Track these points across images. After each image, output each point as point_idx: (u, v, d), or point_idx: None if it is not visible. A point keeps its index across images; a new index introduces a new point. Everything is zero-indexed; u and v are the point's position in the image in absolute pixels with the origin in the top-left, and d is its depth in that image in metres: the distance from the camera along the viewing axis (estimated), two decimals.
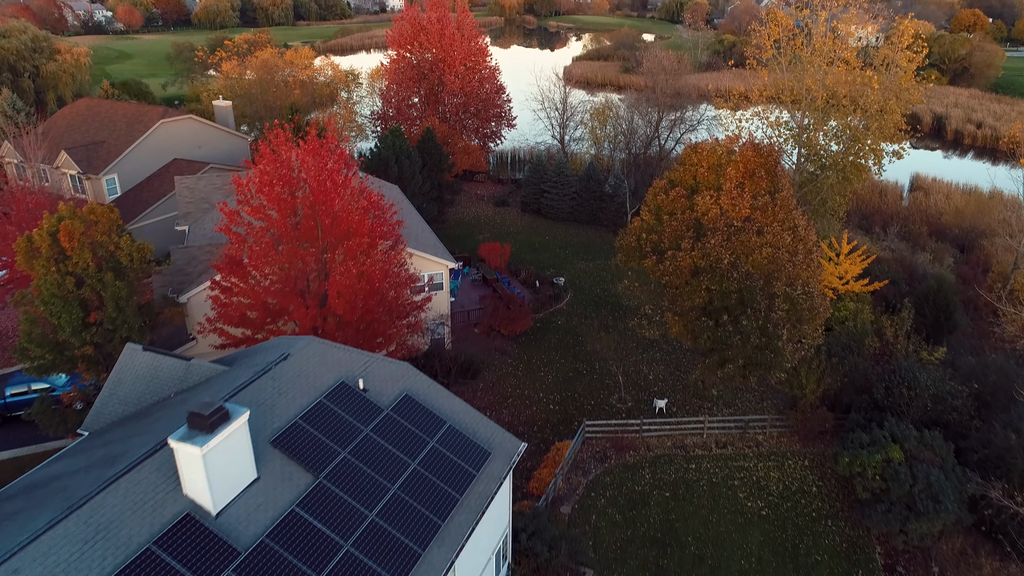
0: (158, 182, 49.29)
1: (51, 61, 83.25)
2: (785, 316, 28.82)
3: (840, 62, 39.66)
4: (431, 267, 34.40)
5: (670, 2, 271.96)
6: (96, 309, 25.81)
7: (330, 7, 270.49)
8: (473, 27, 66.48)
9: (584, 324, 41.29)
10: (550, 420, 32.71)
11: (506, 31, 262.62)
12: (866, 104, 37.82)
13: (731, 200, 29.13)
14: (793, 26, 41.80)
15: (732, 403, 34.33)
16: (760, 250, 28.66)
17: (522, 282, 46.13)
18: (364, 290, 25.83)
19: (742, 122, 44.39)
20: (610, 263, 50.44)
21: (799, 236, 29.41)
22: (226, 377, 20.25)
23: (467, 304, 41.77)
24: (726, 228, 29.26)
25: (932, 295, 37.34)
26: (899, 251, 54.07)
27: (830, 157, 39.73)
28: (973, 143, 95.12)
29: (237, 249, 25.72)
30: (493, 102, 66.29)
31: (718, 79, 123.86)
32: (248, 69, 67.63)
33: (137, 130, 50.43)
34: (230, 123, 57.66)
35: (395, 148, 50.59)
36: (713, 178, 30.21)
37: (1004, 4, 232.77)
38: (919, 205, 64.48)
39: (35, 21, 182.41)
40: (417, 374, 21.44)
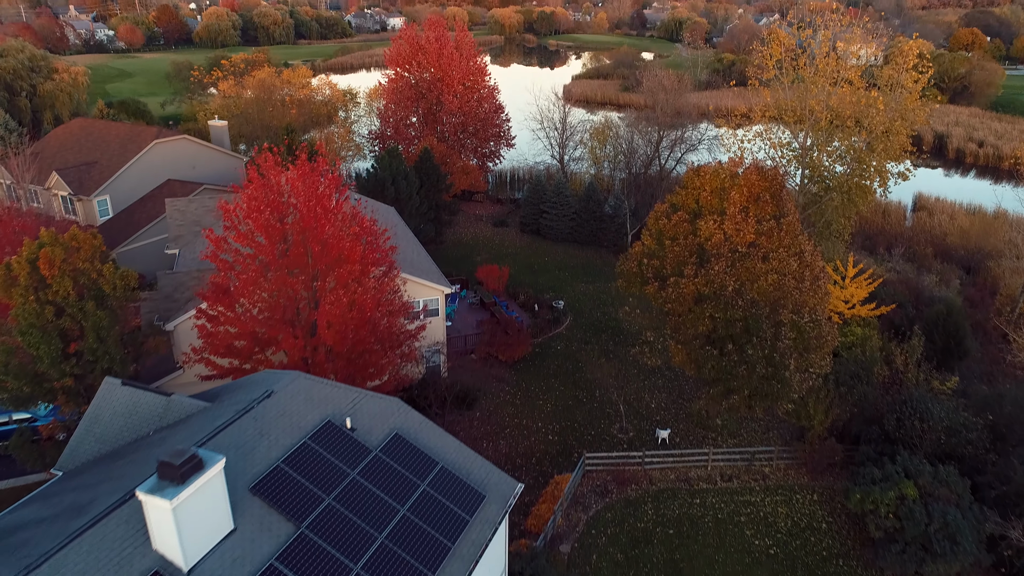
0: (151, 203, 48.47)
1: (48, 80, 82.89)
2: (792, 345, 27.83)
3: (844, 82, 38.96)
4: (426, 293, 33.45)
5: (669, 21, 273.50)
6: (76, 340, 24.83)
7: (331, 26, 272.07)
8: (472, 46, 66.09)
9: (584, 349, 40.26)
10: (549, 451, 31.59)
11: (506, 50, 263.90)
12: (871, 125, 37.06)
13: (735, 225, 28.25)
14: (795, 46, 41.16)
15: (737, 433, 33.22)
16: (765, 277, 27.73)
17: (521, 305, 45.17)
18: (355, 320, 24.87)
19: (744, 143, 43.60)
20: (610, 286, 49.49)
21: (805, 262, 28.50)
22: (206, 416, 19.22)
23: (464, 329, 40.77)
24: (730, 254, 28.35)
25: (942, 320, 36.36)
26: (904, 273, 53.19)
27: (835, 179, 38.91)
28: (975, 162, 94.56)
29: (224, 277, 24.79)
30: (492, 121, 65.72)
31: (718, 98, 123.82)
32: (245, 88, 67.13)
33: (130, 151, 49.70)
34: (226, 143, 56.97)
35: (392, 169, 49.85)
36: (716, 202, 29.35)
37: (1002, 23, 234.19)
38: (923, 225, 63.68)
39: (36, 40, 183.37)
40: (408, 411, 20.41)
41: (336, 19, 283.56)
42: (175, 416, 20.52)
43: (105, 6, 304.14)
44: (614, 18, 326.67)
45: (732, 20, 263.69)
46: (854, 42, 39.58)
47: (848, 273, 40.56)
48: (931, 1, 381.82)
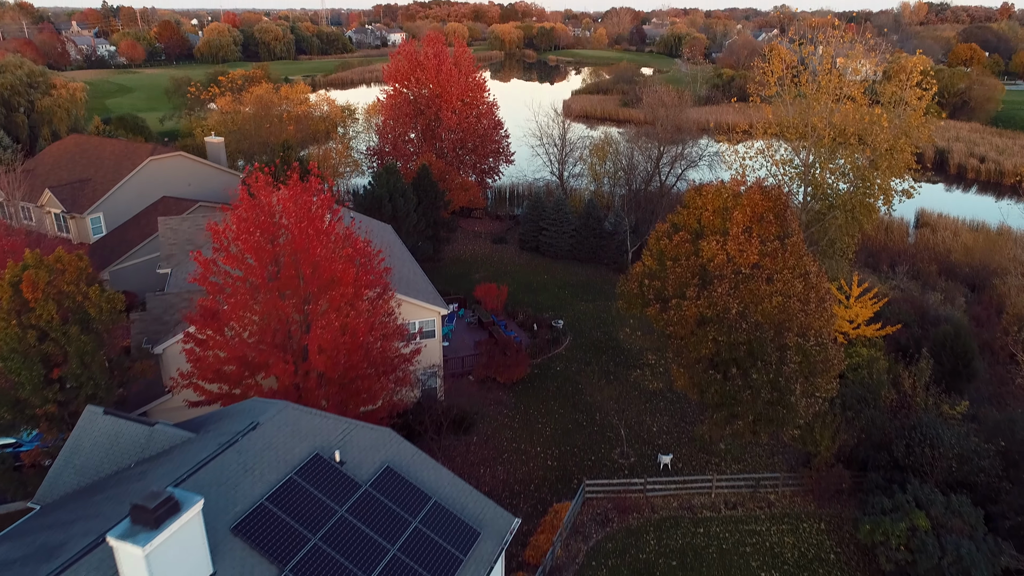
0: (145, 221, 47.84)
1: (46, 96, 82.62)
2: (798, 369, 27.04)
3: (847, 99, 38.47)
4: (422, 314, 32.71)
5: (668, 36, 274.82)
6: (59, 365, 24.07)
7: (332, 41, 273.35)
8: (470, 62, 65.79)
9: (584, 371, 39.44)
10: (548, 478, 30.70)
11: (506, 65, 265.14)
12: (875, 143, 36.49)
13: (738, 246, 27.57)
14: (797, 62, 40.72)
15: (741, 458, 32.34)
16: (770, 299, 27.00)
17: (519, 325, 44.41)
18: (347, 344, 24.11)
19: (746, 159, 43.07)
20: (611, 304, 48.75)
21: (811, 283, 27.77)
22: (189, 448, 18.43)
23: (461, 350, 39.98)
24: (733, 275, 27.64)
25: (949, 341, 35.58)
26: (909, 291, 52.44)
27: (838, 197, 38.30)
28: (976, 177, 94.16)
29: (212, 300, 24.06)
30: (491, 138, 65.30)
31: (718, 113, 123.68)
32: (243, 104, 66.76)
33: (125, 168, 49.19)
34: (222, 160, 56.50)
35: (389, 186, 49.31)
36: (719, 222, 28.68)
37: (1000, 39, 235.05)
38: (926, 242, 63.01)
39: (38, 56, 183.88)
40: (400, 442, 19.61)
41: (337, 35, 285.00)
42: (158, 447, 19.72)
43: (107, 22, 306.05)
44: (613, 33, 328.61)
45: (731, 35, 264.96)
46: (856, 58, 39.10)
47: (852, 292, 39.84)
48: (928, 17, 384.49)
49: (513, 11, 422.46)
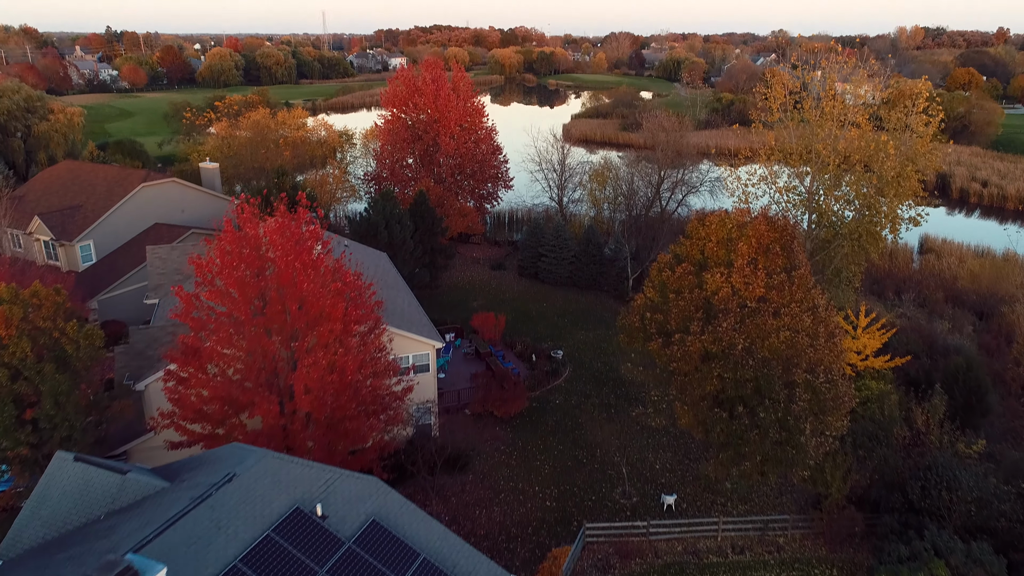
0: (136, 248, 46.91)
1: (44, 121, 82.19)
2: (807, 407, 25.85)
3: (851, 125, 37.70)
4: (416, 348, 31.59)
5: (667, 61, 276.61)
6: (32, 405, 22.93)
7: (333, 66, 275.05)
8: (469, 87, 65.35)
9: (584, 404, 38.22)
10: (547, 519, 29.36)
11: (506, 89, 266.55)
12: (881, 170, 35.64)
13: (743, 278, 26.55)
14: (800, 88, 40.03)
15: (748, 498, 31.01)
16: (777, 334, 25.92)
17: (517, 355, 43.25)
18: (335, 383, 22.99)
19: (748, 187, 42.21)
20: (611, 333, 47.58)
21: (819, 317, 26.70)
22: (161, 501, 17.25)
23: (458, 382, 38.79)
24: (739, 309, 26.58)
25: (962, 375, 34.41)
26: (915, 319, 51.38)
27: (844, 225, 37.37)
28: (979, 202, 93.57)
29: (194, 337, 22.99)
30: (489, 163, 64.66)
31: (718, 137, 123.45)
32: (240, 129, 66.22)
33: (117, 194, 48.39)
34: (216, 186, 55.74)
35: (385, 212, 48.46)
36: (723, 253, 27.70)
37: (997, 63, 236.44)
38: (931, 268, 62.06)
39: (40, 80, 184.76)
40: (388, 493, 18.41)
41: (338, 59, 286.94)
42: (130, 497, 18.52)
43: (111, 47, 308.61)
44: (613, 58, 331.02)
45: (730, 60, 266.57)
46: (860, 84, 38.39)
47: (860, 322, 38.76)
48: (925, 42, 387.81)
49: (513, 36, 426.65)
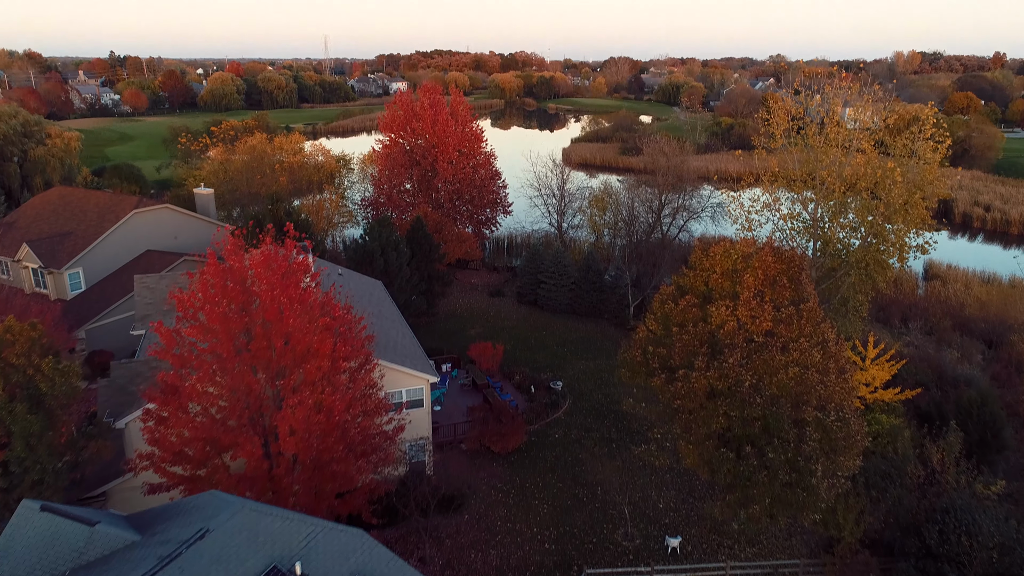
0: (127, 276, 45.91)
1: (40, 145, 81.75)
2: (818, 447, 24.66)
3: (856, 152, 36.90)
4: (410, 382, 30.43)
5: (666, 85, 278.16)
6: (2, 447, 21.75)
7: (334, 90, 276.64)
8: (467, 112, 64.87)
9: (585, 438, 36.95)
10: (545, 564, 27.98)
11: (506, 113, 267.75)
12: (888, 198, 34.75)
13: (750, 311, 25.50)
14: (803, 114, 39.29)
15: (756, 540, 29.64)
16: (786, 370, 24.79)
17: (516, 386, 42.05)
18: (322, 424, 21.84)
19: (751, 213, 41.30)
20: (612, 363, 46.42)
21: (829, 352, 25.60)
22: (129, 556, 16.05)
23: (454, 415, 37.56)
24: (745, 344, 25.49)
25: (976, 409, 33.21)
26: (923, 348, 50.25)
27: (851, 254, 36.39)
28: (982, 226, 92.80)
29: (174, 374, 21.88)
30: (488, 188, 63.97)
31: (718, 161, 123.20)
32: (237, 154, 65.60)
33: (108, 221, 47.53)
34: (211, 212, 54.93)
35: (381, 239, 47.57)
36: (728, 285, 26.70)
37: (995, 87, 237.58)
38: (937, 295, 61.05)
39: (41, 104, 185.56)
40: (373, 547, 17.19)
41: (339, 83, 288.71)
42: (98, 551, 17.28)
43: (114, 71, 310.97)
44: (612, 82, 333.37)
45: (728, 84, 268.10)
46: (865, 109, 37.65)
47: (868, 353, 37.64)
48: (922, 66, 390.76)
49: (513, 60, 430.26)
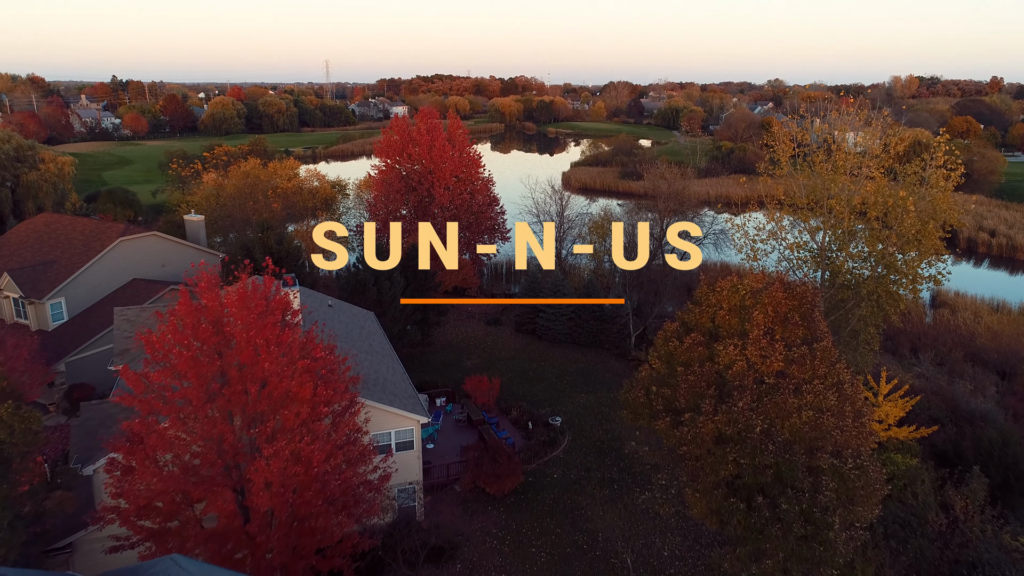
0: (111, 306, 44.36)
1: (33, 170, 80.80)
2: (835, 497, 22.95)
3: (866, 179, 35.59)
4: (399, 423, 28.78)
5: (666, 109, 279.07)
6: None
7: (334, 114, 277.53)
8: (465, 137, 63.83)
9: (585, 479, 35.16)
10: None
11: (506, 137, 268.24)
12: (901, 228, 33.35)
13: (760, 351, 23.93)
14: (808, 140, 38.06)
15: None
16: (799, 413, 23.16)
17: (513, 422, 40.34)
18: (300, 477, 20.19)
19: (756, 242, 39.90)
20: (613, 396, 44.79)
21: (845, 394, 23.98)
22: None
23: (448, 454, 35.82)
24: (755, 385, 23.89)
25: (997, 451, 31.50)
26: (935, 379, 48.59)
27: (863, 286, 34.89)
28: (987, 251, 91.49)
29: (141, 422, 20.28)
30: (486, 214, 62.72)
31: (719, 185, 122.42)
32: (230, 180, 64.43)
33: (93, 249, 46.15)
34: (201, 239, 53.60)
35: (374, 269, 46.10)
36: (736, 322, 25.16)
37: (993, 111, 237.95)
38: (946, 324, 59.45)
39: (40, 128, 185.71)
40: None
41: (340, 107, 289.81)
42: None
43: (116, 95, 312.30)
44: (612, 106, 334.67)
45: (727, 108, 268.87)
46: (874, 135, 36.39)
47: (881, 389, 36.06)
48: (920, 91, 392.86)
49: (513, 85, 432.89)
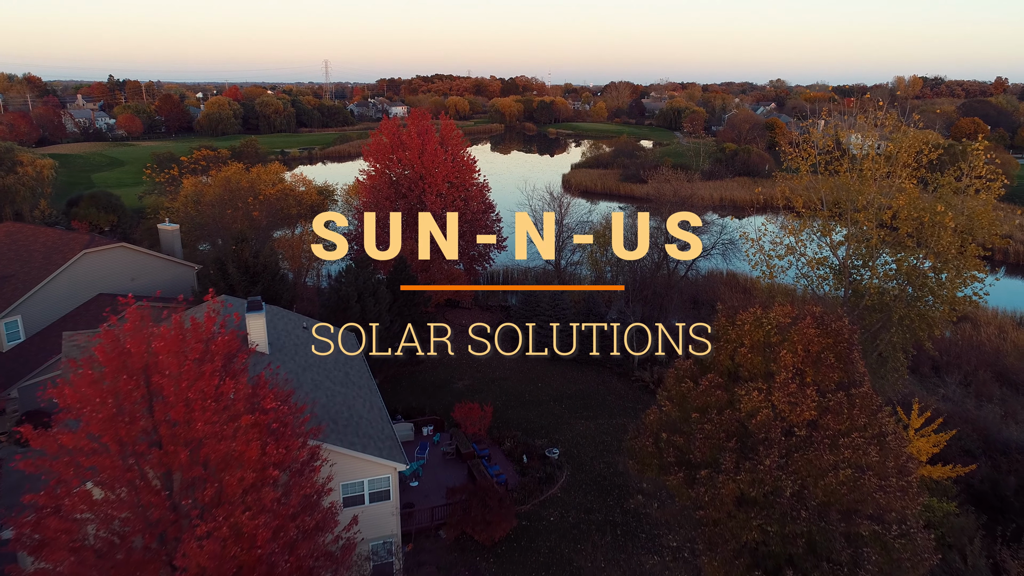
0: (72, 324, 41.08)
1: (10, 174, 77.46)
2: (877, 571, 19.55)
3: (897, 192, 32.18)
4: (373, 470, 25.36)
5: (667, 110, 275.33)
6: None
7: (333, 114, 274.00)
8: (458, 140, 60.38)
9: (585, 523, 31.72)
10: None
11: (507, 138, 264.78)
12: (938, 247, 29.91)
13: (788, 397, 20.52)
14: (833, 147, 34.65)
15: None
16: (835, 472, 19.77)
17: (506, 453, 36.96)
18: (241, 558, 16.77)
19: (772, 258, 36.51)
20: (614, 423, 41.48)
21: (888, 448, 20.57)
22: None
23: (433, 493, 32.42)
24: (783, 438, 20.48)
25: None
26: (962, 403, 45.17)
27: (894, 310, 31.44)
28: (1004, 259, 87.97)
29: (47, 494, 16.88)
30: (480, 223, 59.28)
31: (724, 188, 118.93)
32: (210, 185, 61.01)
33: (55, 262, 42.80)
34: (176, 250, 50.26)
35: (358, 284, 42.76)
36: (760, 362, 21.74)
37: (1000, 113, 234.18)
38: (969, 340, 55.99)
39: (32, 128, 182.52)
40: None
41: (338, 108, 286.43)
42: None
43: (112, 95, 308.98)
44: (613, 107, 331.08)
45: (730, 109, 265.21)
46: (905, 144, 32.92)
47: (912, 422, 32.60)
48: (924, 91, 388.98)
49: (514, 85, 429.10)
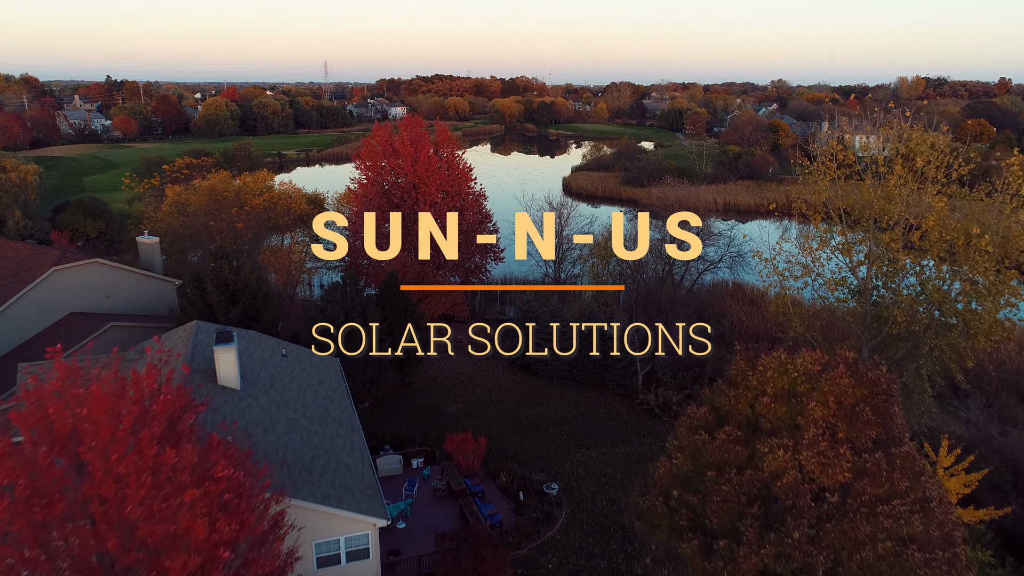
0: (39, 346, 38.53)
1: None
2: None
3: (926, 211, 29.64)
4: (351, 527, 22.83)
5: (668, 111, 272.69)
6: None
7: (331, 115, 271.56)
8: (453, 146, 57.86)
9: (586, 570, 29.16)
10: None
11: (507, 139, 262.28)
12: (974, 271, 27.41)
13: (818, 456, 17.98)
14: (855, 159, 32.09)
15: None
16: (873, 545, 17.23)
17: (502, 489, 34.41)
18: None
19: (787, 278, 33.99)
20: (618, 452, 38.95)
21: (932, 516, 18.02)
22: None
23: (421, 537, 29.88)
24: (813, 504, 17.93)
25: None
26: (985, 428, 42.57)
27: (924, 341, 28.91)
28: (1019, 266, 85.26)
29: None
30: (478, 233, 56.66)
31: (728, 192, 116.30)
32: (197, 194, 58.51)
33: (23, 279, 40.29)
34: (156, 263, 47.72)
35: (345, 303, 40.23)
36: (784, 412, 19.19)
37: (1005, 114, 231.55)
38: (989, 357, 53.25)
39: (26, 130, 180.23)
40: None
41: (337, 108, 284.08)
42: None
43: (110, 96, 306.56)
44: (614, 108, 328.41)
45: (732, 110, 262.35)
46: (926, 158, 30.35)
47: (941, 460, 30.01)
48: (927, 92, 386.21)
49: (514, 85, 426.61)
